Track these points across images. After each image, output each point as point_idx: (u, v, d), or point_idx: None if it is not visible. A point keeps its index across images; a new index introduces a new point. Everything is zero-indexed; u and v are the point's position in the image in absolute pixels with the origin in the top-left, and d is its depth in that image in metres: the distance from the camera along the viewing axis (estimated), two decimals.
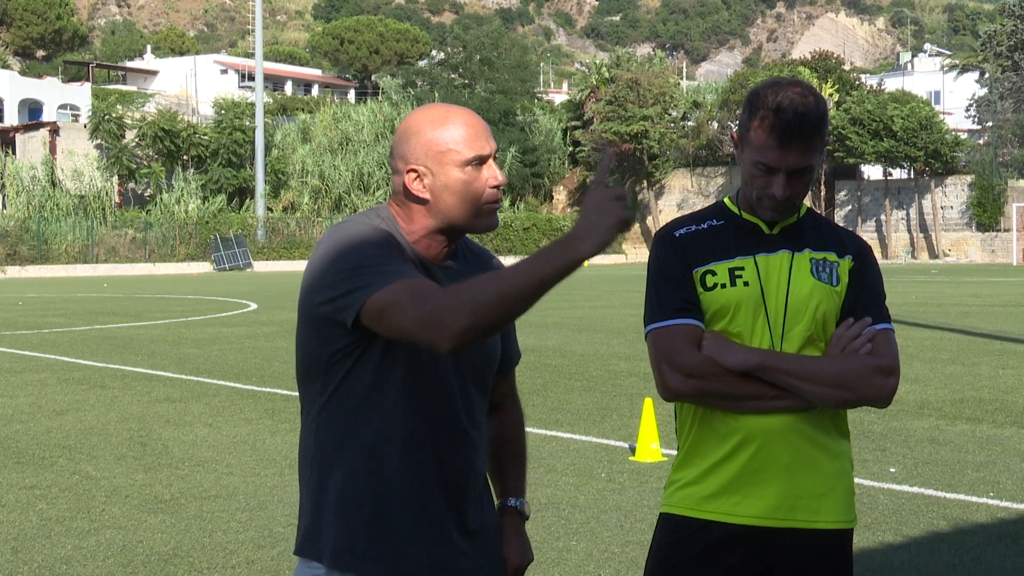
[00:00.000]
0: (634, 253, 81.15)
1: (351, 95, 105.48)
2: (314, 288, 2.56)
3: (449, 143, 2.59)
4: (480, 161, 2.62)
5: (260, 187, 65.74)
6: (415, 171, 2.61)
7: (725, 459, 2.83)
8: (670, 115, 76.10)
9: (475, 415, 2.72)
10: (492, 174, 2.64)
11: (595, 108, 77.66)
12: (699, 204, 77.47)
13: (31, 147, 65.47)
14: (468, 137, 2.61)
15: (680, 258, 2.87)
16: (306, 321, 2.63)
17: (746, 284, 2.84)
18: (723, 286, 2.84)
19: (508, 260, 74.40)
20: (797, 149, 2.77)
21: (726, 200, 2.98)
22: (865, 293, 2.90)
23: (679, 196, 79.59)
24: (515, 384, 3.03)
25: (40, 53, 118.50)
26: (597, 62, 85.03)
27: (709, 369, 2.77)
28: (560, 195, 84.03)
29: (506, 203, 76.34)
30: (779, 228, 2.91)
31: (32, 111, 78.38)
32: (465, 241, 2.79)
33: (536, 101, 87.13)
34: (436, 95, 76.21)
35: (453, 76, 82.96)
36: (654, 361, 2.83)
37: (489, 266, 2.83)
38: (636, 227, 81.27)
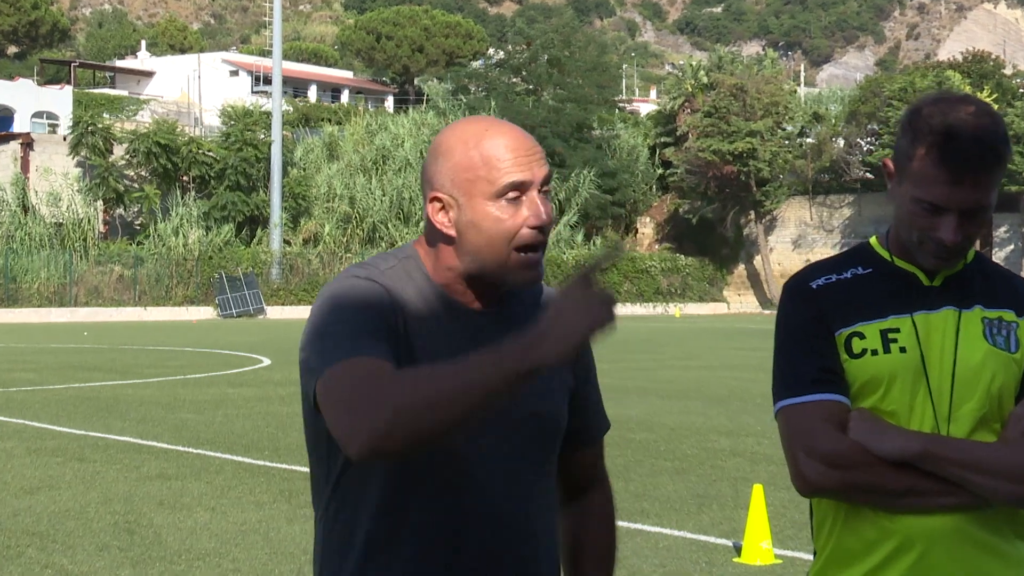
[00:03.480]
0: (737, 301, 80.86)
1: (389, 102, 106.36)
2: (300, 353, 2.55)
3: (481, 167, 2.51)
4: (517, 191, 2.51)
5: (276, 215, 66.32)
6: (439, 200, 2.56)
7: (877, 569, 2.78)
8: (784, 130, 75.99)
9: (530, 499, 2.62)
10: (534, 210, 2.51)
11: (690, 121, 77.69)
12: (820, 240, 77.16)
13: None
14: (506, 160, 2.51)
15: (818, 316, 2.83)
16: (301, 392, 2.58)
17: (903, 350, 2.78)
18: (874, 352, 2.79)
19: None
20: (973, 184, 2.70)
21: (872, 242, 2.93)
22: None
23: (795, 231, 79.28)
24: (603, 462, 2.95)
25: (11, 49, 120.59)
26: (693, 64, 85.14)
27: (857, 458, 2.72)
28: (646, 228, 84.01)
29: (579, 238, 76.35)
30: (941, 278, 2.85)
31: (1, 120, 79.54)
32: None
33: (617, 112, 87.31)
34: (493, 103, 76.59)
35: (514, 80, 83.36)
36: (787, 447, 2.79)
37: None
38: (741, 268, 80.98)
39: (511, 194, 2.50)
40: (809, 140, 78.27)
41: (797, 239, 78.96)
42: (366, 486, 2.52)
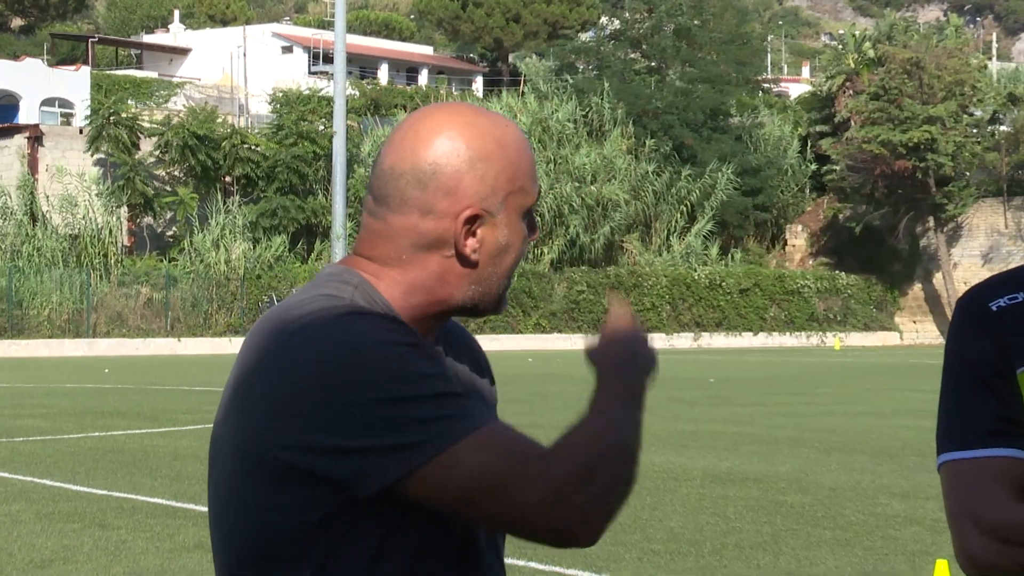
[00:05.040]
0: (912, 330, 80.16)
1: (478, 84, 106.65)
2: (301, 426, 2.37)
3: (520, 176, 2.57)
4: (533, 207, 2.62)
5: (339, 224, 66.40)
6: (476, 217, 2.53)
7: None
8: (971, 115, 75.33)
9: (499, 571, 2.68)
10: (536, 227, 2.64)
11: (853, 105, 77.25)
12: (1017, 253, 76.37)
13: (2, 162, 66.97)
14: (533, 166, 2.60)
15: (996, 347, 2.74)
16: (262, 474, 2.44)
17: None
18: None
19: (719, 339, 73.99)
20: None
21: None
22: None
23: (986, 241, 78.47)
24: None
25: (16, 22, 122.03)
26: (856, 34, 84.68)
27: None
28: (798, 238, 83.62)
29: (714, 251, 76.13)
30: None
31: (4, 108, 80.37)
32: None
33: (761, 95, 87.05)
34: (606, 85, 76.61)
35: (633, 56, 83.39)
36: (951, 513, 2.74)
37: (471, 346, 2.79)
38: (917, 289, 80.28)
39: (530, 212, 2.58)
40: (1003, 128, 77.53)
41: (988, 252, 78.11)
42: None
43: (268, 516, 2.44)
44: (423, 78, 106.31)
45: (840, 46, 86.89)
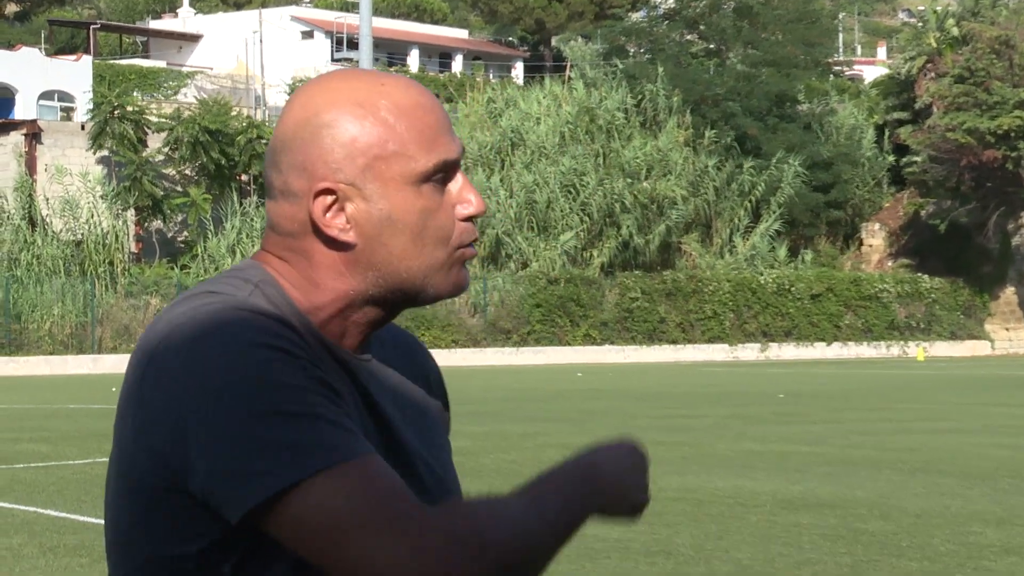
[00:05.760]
0: (1005, 338, 79.90)
1: (518, 70, 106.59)
2: (160, 442, 2.25)
3: (392, 140, 2.37)
4: (447, 172, 2.41)
5: None
6: (331, 192, 2.36)
7: None
8: None
9: None
10: (466, 195, 2.43)
11: (935, 89, 76.97)
12: None
13: None
14: (427, 128, 2.40)
15: None
16: (138, 498, 2.33)
17: None
18: None
19: (788, 350, 73.71)
20: None
21: None
22: None
23: None
24: None
25: (11, 8, 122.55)
26: (938, 10, 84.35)
27: None
28: (875, 238, 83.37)
29: (782, 252, 75.85)
30: None
31: None
32: None
33: (832, 79, 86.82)
34: (660, 69, 76.43)
35: (689, 38, 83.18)
36: None
37: (416, 359, 2.67)
38: (1010, 293, 79.95)
39: (438, 177, 2.40)
40: None
41: None
42: None
43: (151, 545, 2.32)
44: (457, 64, 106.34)
45: (920, 24, 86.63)
